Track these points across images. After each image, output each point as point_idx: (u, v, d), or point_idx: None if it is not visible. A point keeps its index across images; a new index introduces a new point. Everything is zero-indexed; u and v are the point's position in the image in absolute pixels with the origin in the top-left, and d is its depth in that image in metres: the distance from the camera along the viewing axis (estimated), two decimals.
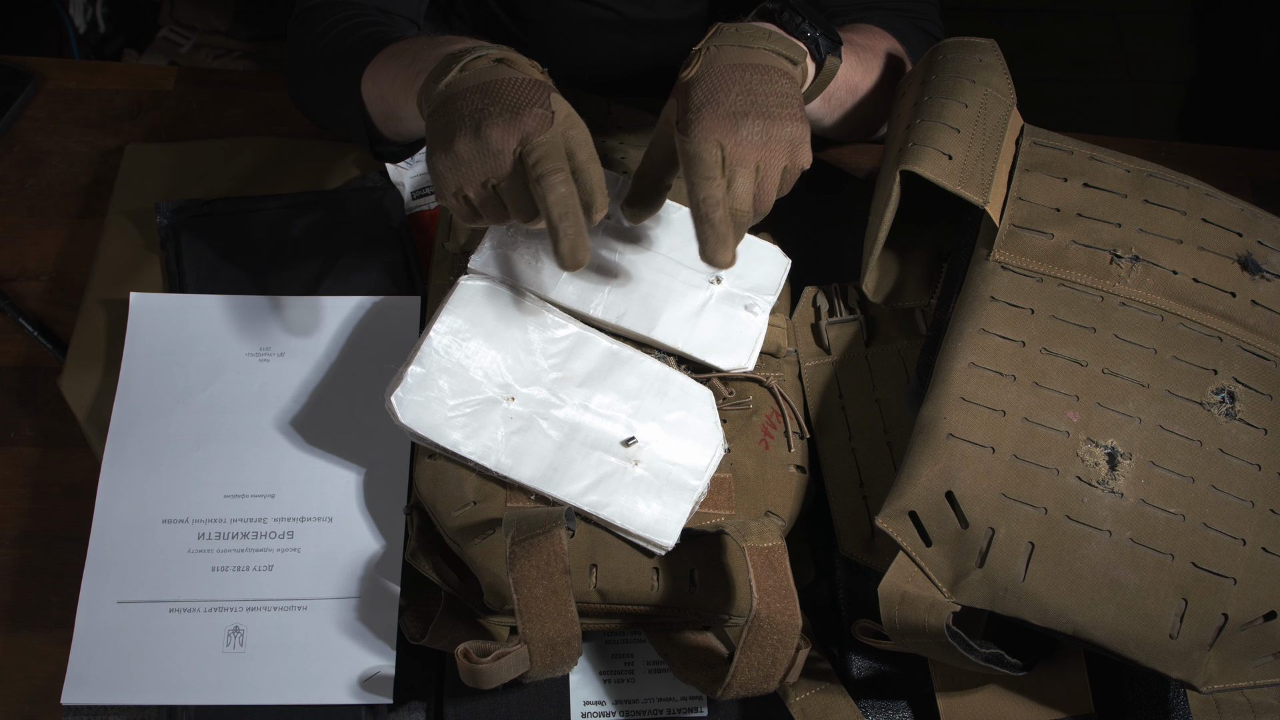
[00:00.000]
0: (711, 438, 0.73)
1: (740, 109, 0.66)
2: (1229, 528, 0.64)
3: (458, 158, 0.64)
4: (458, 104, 0.65)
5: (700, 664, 0.70)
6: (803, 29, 0.74)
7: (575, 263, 0.64)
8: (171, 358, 0.81)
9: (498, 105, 0.64)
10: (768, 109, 0.67)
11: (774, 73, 0.69)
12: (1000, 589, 0.64)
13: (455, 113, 0.65)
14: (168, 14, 1.61)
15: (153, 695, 0.71)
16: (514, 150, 0.64)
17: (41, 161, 0.95)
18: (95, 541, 0.75)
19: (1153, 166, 0.77)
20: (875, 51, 0.86)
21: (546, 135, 0.63)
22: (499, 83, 0.66)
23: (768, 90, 0.67)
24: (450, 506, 0.70)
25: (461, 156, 0.64)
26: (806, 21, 0.74)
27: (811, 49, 0.75)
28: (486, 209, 0.67)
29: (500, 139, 0.63)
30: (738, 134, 0.66)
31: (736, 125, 0.66)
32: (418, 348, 0.71)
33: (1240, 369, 0.69)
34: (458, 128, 0.64)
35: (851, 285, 0.84)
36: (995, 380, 0.68)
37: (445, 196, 0.67)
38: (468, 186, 0.65)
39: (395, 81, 0.77)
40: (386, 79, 0.79)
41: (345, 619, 0.73)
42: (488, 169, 0.64)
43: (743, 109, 0.66)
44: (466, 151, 0.64)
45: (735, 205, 0.66)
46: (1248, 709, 0.66)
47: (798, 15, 0.74)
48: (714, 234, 0.65)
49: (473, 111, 0.64)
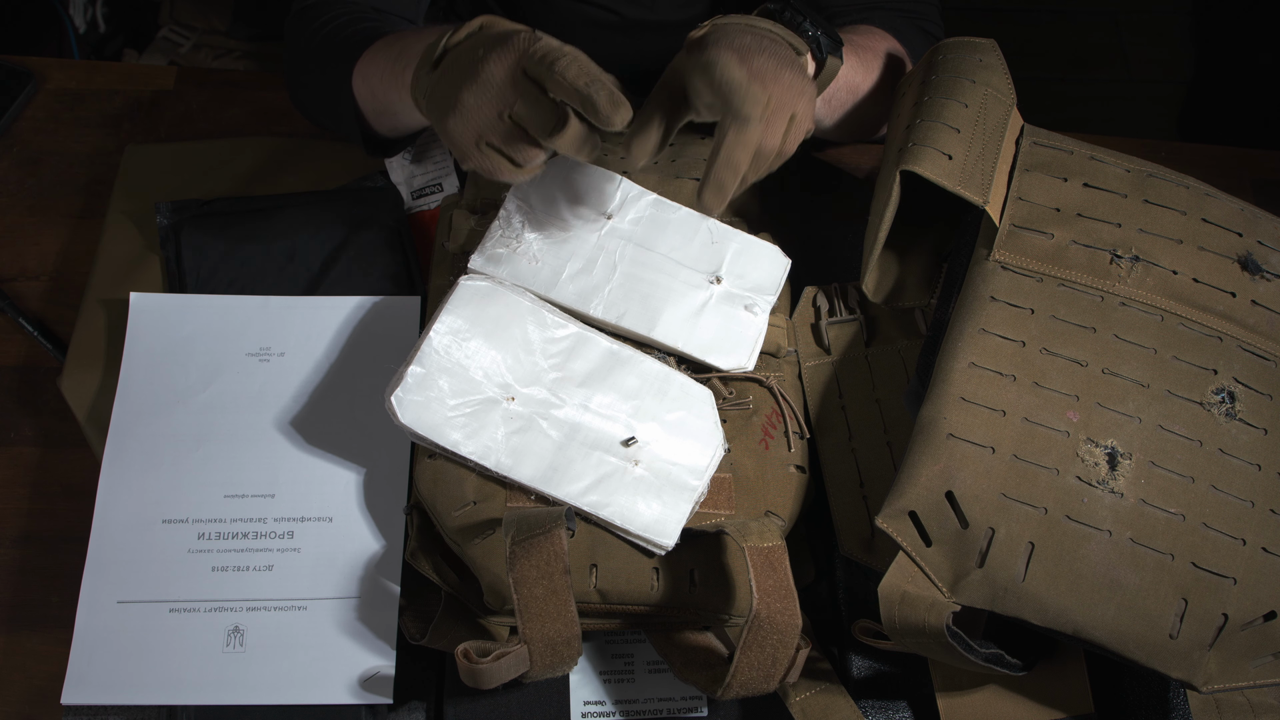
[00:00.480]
0: (711, 438, 0.73)
1: (753, 46, 0.65)
2: (1229, 528, 0.64)
3: (465, 108, 0.64)
4: (449, 73, 0.66)
5: (700, 664, 0.70)
6: (804, 28, 0.74)
7: (621, 117, 0.62)
8: (171, 358, 0.81)
9: (484, 46, 0.64)
10: (778, 52, 0.66)
11: (781, 43, 0.69)
12: (1000, 589, 0.64)
13: (448, 80, 0.65)
14: (168, 14, 1.61)
15: (153, 695, 0.71)
16: (517, 69, 0.63)
17: (41, 161, 0.95)
18: (95, 541, 0.75)
19: (1153, 166, 0.77)
20: (876, 52, 0.86)
21: (542, 41, 0.63)
22: (482, 34, 0.66)
23: (776, 46, 0.67)
24: (450, 506, 0.70)
25: (469, 104, 0.64)
26: (808, 20, 0.74)
27: (813, 48, 0.75)
28: (514, 146, 0.65)
29: (498, 67, 0.63)
30: (752, 62, 0.64)
31: (750, 57, 0.65)
32: (418, 348, 0.71)
33: (1240, 369, 0.69)
34: (456, 87, 0.64)
35: (851, 285, 0.84)
36: (995, 380, 0.68)
37: (472, 157, 0.66)
38: (488, 132, 0.64)
39: (385, 76, 0.77)
40: (376, 74, 0.79)
41: (345, 619, 0.73)
42: (498, 100, 0.64)
43: (757, 46, 0.65)
44: (472, 98, 0.64)
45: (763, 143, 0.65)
46: (1248, 709, 0.66)
47: (799, 15, 0.74)
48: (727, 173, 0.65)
49: (463, 67, 0.64)
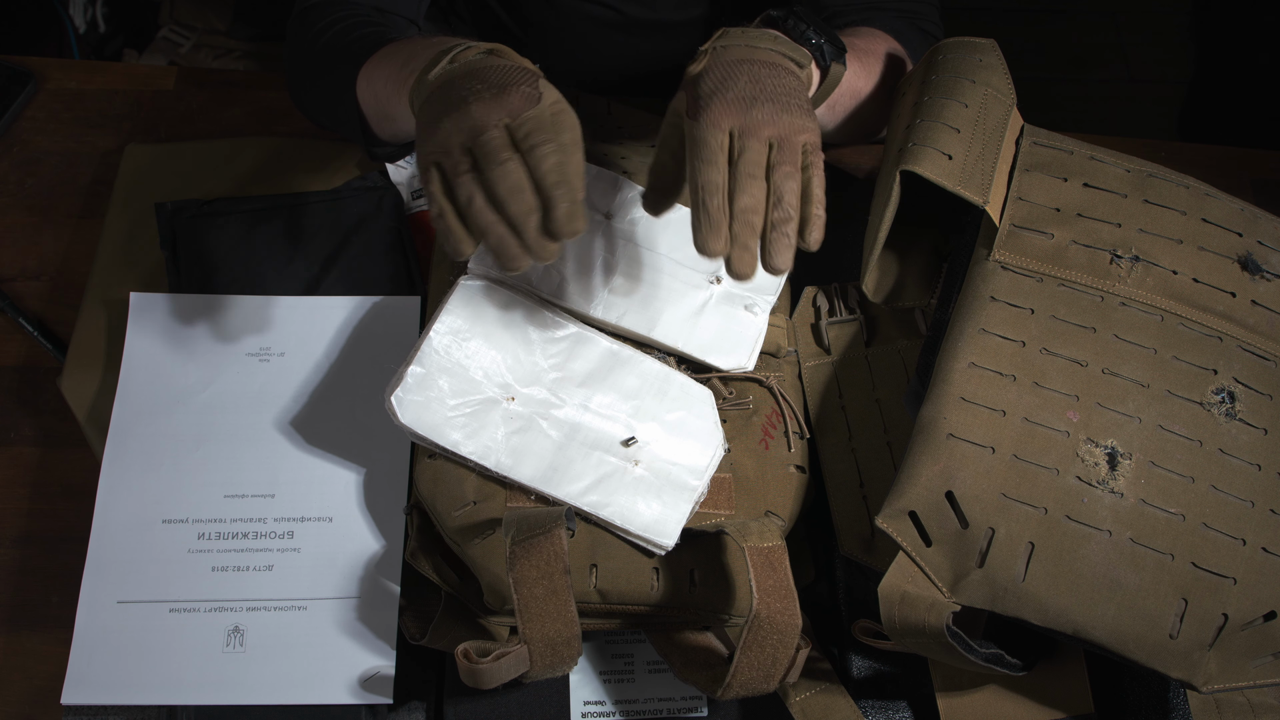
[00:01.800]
0: (711, 438, 0.73)
1: (750, 95, 0.65)
2: (1229, 528, 0.64)
3: (439, 131, 0.62)
4: (445, 91, 0.64)
5: (700, 664, 0.70)
6: (807, 36, 0.74)
7: (572, 230, 0.60)
8: (171, 358, 0.81)
9: (483, 84, 0.63)
10: (776, 96, 0.65)
11: (781, 70, 0.68)
12: (1000, 589, 0.64)
13: (442, 98, 0.64)
14: (168, 14, 1.61)
15: (153, 695, 0.71)
16: (499, 125, 0.61)
17: (41, 161, 0.95)
18: (95, 541, 0.75)
19: (1153, 166, 0.77)
20: (876, 55, 0.86)
21: (534, 110, 0.61)
22: (487, 68, 0.65)
23: (776, 83, 0.67)
24: (450, 506, 0.70)
25: (443, 130, 0.62)
26: (811, 29, 0.74)
27: (816, 56, 0.75)
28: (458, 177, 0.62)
29: (483, 114, 0.61)
30: (749, 114, 0.63)
31: (747, 108, 0.64)
32: (418, 348, 0.71)
33: (1240, 369, 0.69)
34: (445, 110, 0.63)
35: (851, 285, 0.84)
36: (995, 380, 0.68)
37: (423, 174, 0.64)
38: (443, 156, 0.62)
39: (389, 82, 0.77)
40: (380, 80, 0.79)
41: (345, 619, 0.73)
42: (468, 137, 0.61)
43: (752, 95, 0.65)
44: (450, 125, 0.62)
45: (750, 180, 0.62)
46: (1248, 709, 0.66)
47: (802, 23, 0.74)
48: (707, 220, 0.62)
49: (459, 94, 0.63)
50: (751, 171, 0.62)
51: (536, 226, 0.60)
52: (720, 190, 0.62)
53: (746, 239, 0.62)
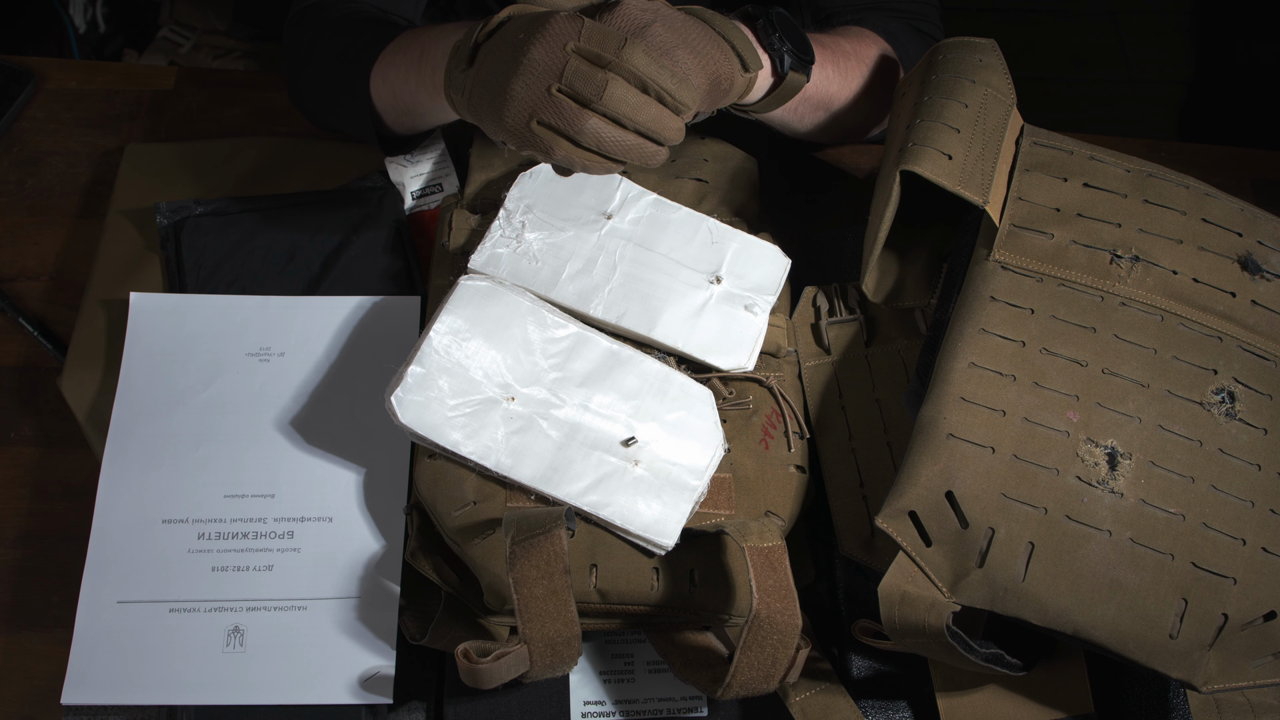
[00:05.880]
0: (711, 438, 0.73)
1: (649, 22, 0.65)
2: (1229, 528, 0.64)
3: (515, 96, 0.63)
4: (493, 66, 0.64)
5: (700, 664, 0.70)
6: (772, 40, 0.74)
7: (692, 96, 0.64)
8: (171, 358, 0.81)
9: (526, 34, 0.63)
10: (680, 32, 0.66)
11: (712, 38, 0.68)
12: (1000, 589, 0.64)
13: (490, 71, 0.64)
14: (168, 14, 1.61)
15: (153, 695, 0.71)
16: (572, 55, 0.62)
17: (41, 161, 0.95)
18: (95, 541, 0.75)
19: (1153, 166, 0.77)
20: (859, 59, 0.86)
21: (587, 25, 0.62)
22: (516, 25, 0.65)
23: (691, 31, 0.67)
24: (450, 506, 0.70)
25: (517, 92, 0.63)
26: (778, 35, 0.74)
27: (775, 61, 0.75)
28: (566, 117, 0.63)
29: (541, 50, 0.62)
30: (644, 31, 0.64)
31: (644, 26, 0.64)
32: (418, 348, 0.71)
33: (1240, 369, 0.69)
34: (502, 77, 0.63)
35: (851, 285, 0.84)
36: (995, 380, 0.68)
37: (528, 141, 0.64)
38: (540, 110, 0.63)
39: (409, 79, 0.77)
40: (397, 76, 0.79)
41: (345, 619, 0.73)
42: (546, 78, 0.62)
43: (651, 20, 0.65)
44: (520, 85, 0.62)
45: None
46: (1248, 709, 0.66)
47: (772, 28, 0.74)
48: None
49: (505, 57, 0.63)
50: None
51: (665, 115, 0.64)
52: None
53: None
